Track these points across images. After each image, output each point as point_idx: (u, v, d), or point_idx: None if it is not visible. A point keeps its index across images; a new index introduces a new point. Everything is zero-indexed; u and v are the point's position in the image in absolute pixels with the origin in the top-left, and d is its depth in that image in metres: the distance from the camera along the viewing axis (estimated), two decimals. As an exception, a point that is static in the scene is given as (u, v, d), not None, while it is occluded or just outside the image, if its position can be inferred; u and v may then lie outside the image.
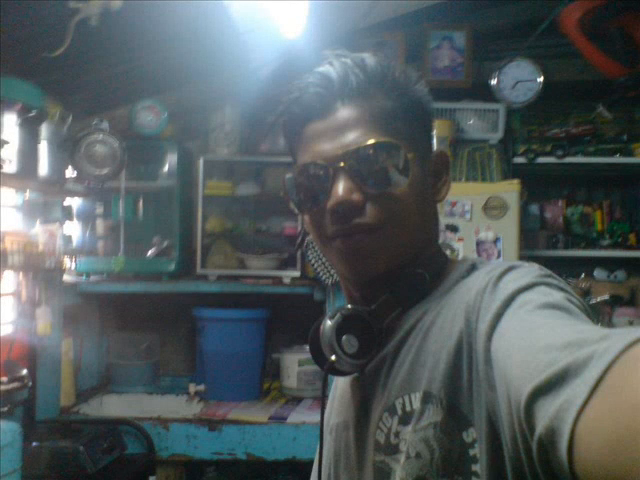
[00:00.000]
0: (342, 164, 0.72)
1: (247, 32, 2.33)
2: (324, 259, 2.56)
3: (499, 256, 2.59)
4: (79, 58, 2.10)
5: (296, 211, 0.82)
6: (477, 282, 0.69)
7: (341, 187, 0.72)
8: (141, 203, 2.84)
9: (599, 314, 2.96)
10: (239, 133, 3.00)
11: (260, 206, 3.09)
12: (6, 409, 2.06)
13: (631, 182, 3.17)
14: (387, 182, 0.73)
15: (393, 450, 0.70)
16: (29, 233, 2.26)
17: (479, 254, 2.59)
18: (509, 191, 2.63)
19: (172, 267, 2.85)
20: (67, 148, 2.26)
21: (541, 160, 2.90)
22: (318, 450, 0.76)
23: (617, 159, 2.91)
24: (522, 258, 2.59)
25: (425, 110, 0.80)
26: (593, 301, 3.01)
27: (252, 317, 2.94)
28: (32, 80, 2.04)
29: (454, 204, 2.63)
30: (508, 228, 2.61)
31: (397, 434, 0.70)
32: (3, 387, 2.01)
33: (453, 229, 2.63)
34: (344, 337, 0.71)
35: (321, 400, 0.74)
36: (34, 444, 2.17)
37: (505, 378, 0.55)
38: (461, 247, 2.62)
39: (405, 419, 0.70)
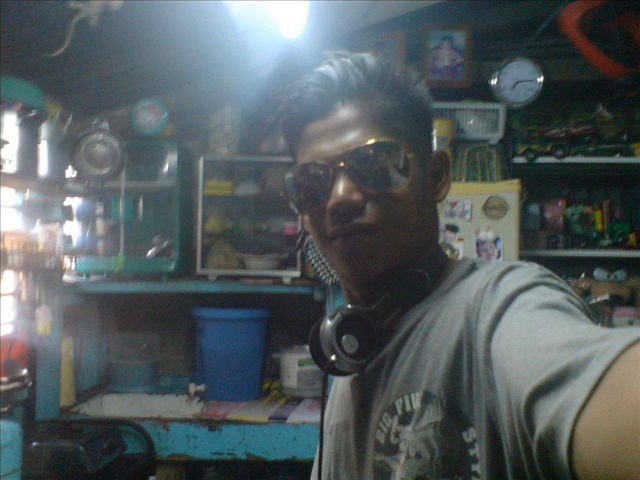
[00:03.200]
0: (342, 164, 0.72)
1: (247, 32, 2.33)
2: (324, 259, 2.56)
3: (499, 256, 2.59)
4: (79, 58, 2.10)
5: (296, 211, 0.82)
6: (477, 282, 0.69)
7: (341, 187, 0.72)
8: (141, 203, 2.84)
9: (599, 314, 2.96)
10: (239, 133, 3.00)
11: (260, 206, 3.09)
12: (6, 409, 2.06)
13: (631, 182, 3.17)
14: (387, 182, 0.73)
15: (393, 450, 0.70)
16: (29, 233, 2.26)
17: (479, 254, 2.59)
18: (509, 191, 2.63)
19: (172, 267, 2.85)
20: (67, 148, 2.26)
21: (541, 160, 2.90)
22: (318, 450, 0.76)
23: (617, 159, 2.91)
24: (522, 258, 2.59)
25: (425, 110, 0.80)
26: (593, 301, 3.01)
27: (252, 317, 2.94)
28: (32, 80, 2.04)
29: (454, 204, 2.63)
30: (508, 228, 2.61)
31: (397, 434, 0.70)
32: (3, 387, 2.01)
33: (453, 229, 2.63)
34: (344, 337, 0.71)
35: (321, 400, 0.74)
36: (34, 444, 2.17)
37: (505, 378, 0.55)
38: (461, 247, 2.62)
39: (405, 419, 0.70)
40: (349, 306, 0.74)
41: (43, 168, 2.19)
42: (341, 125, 0.74)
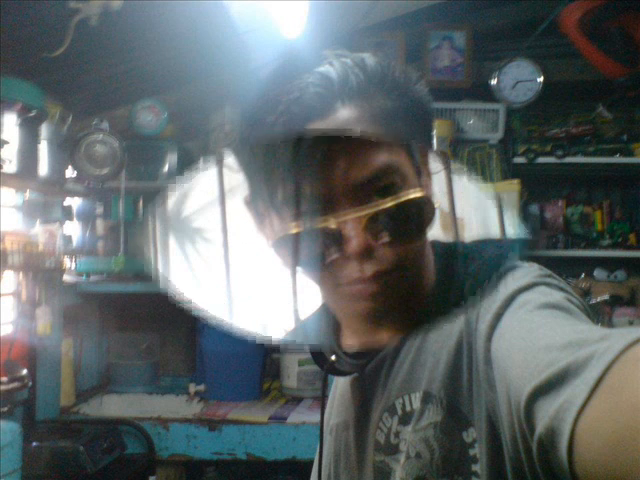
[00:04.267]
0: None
1: (247, 32, 2.33)
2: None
3: (499, 256, 2.59)
4: (79, 58, 2.10)
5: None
6: (477, 282, 0.69)
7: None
8: (141, 203, 2.84)
9: (599, 314, 2.96)
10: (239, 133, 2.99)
11: (260, 206, 3.08)
12: (6, 409, 2.06)
13: (631, 182, 3.17)
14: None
15: (393, 450, 0.70)
16: (29, 233, 2.26)
17: (479, 254, 2.58)
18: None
19: (172, 267, 2.84)
20: (67, 148, 2.26)
21: (541, 160, 2.89)
22: (318, 450, 0.76)
23: (617, 159, 2.91)
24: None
25: (425, 110, 0.80)
26: (593, 301, 3.01)
27: (252, 317, 2.94)
28: (32, 80, 2.04)
29: (454, 204, 2.63)
30: (508, 228, 2.60)
31: (397, 434, 0.70)
32: (3, 387, 2.01)
33: (453, 229, 2.63)
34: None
35: (321, 400, 0.74)
36: (34, 444, 2.17)
37: (505, 378, 0.55)
38: (461, 247, 2.62)
39: (405, 419, 0.70)
40: (349, 306, 0.74)
41: (43, 168, 2.19)
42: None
